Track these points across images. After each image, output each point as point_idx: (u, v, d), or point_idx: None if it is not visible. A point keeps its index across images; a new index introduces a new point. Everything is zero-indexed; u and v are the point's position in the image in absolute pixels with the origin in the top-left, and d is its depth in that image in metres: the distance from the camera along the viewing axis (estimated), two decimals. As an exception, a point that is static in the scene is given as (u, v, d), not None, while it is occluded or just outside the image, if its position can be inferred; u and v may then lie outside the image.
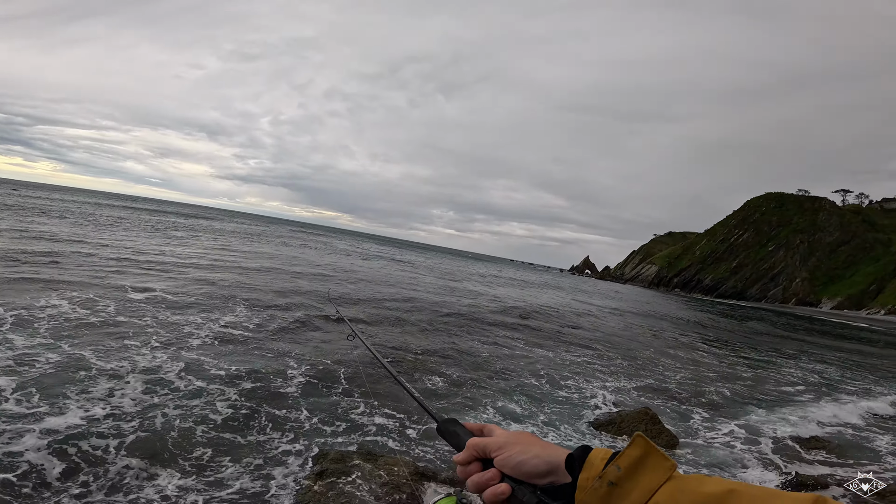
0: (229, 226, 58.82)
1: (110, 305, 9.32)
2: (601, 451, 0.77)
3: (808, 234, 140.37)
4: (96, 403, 5.34)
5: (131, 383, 5.99)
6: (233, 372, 6.96)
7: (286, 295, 13.60)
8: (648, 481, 0.69)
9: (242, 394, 6.26)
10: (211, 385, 6.36)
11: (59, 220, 27.11)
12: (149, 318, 8.99)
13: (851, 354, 23.59)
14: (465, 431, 0.96)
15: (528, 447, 0.83)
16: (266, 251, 28.50)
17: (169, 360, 6.94)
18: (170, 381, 6.26)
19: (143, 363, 6.68)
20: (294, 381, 7.02)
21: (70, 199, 64.53)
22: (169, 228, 34.00)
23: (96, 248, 16.54)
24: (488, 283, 34.51)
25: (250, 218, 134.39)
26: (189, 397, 5.91)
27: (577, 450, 0.79)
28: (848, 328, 53.39)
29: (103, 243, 18.50)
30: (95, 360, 6.47)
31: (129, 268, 13.75)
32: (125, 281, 11.74)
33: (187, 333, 8.44)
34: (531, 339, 14.12)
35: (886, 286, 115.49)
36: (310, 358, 8.22)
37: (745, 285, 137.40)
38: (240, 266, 18.57)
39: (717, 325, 31.04)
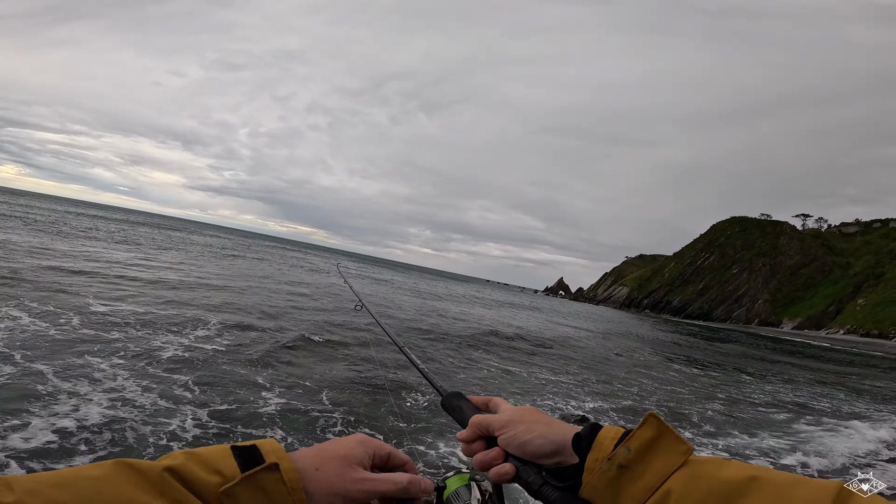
0: (202, 238, 57.37)
1: (73, 318, 8.86)
2: (611, 430, 0.71)
3: (770, 257, 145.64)
4: (61, 418, 4.99)
5: (94, 399, 5.63)
6: (202, 389, 6.64)
7: (262, 313, 13.21)
8: (661, 465, 0.64)
9: (214, 414, 5.96)
10: (180, 404, 6.04)
11: (24, 227, 25.93)
12: (116, 332, 8.56)
13: (824, 374, 24.22)
14: (469, 406, 0.91)
15: (533, 426, 0.78)
16: (240, 266, 27.82)
17: (134, 377, 6.57)
18: (134, 398, 5.92)
19: (107, 380, 6.31)
20: (271, 401, 6.74)
21: (37, 205, 62.05)
22: (139, 240, 32.88)
23: (61, 260, 15.83)
24: (468, 303, 34.40)
25: (223, 231, 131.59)
26: (156, 415, 5.59)
27: (585, 428, 0.74)
28: (812, 347, 55.13)
29: (69, 254, 17.73)
30: (53, 376, 6.08)
31: (94, 281, 13.17)
32: (89, 294, 11.21)
33: (156, 348, 8.05)
34: (507, 358, 14.02)
35: (845, 307, 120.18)
36: (284, 379, 7.93)
37: (710, 306, 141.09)
38: (213, 282, 18.03)
39: (687, 345, 31.51)
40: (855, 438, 10.09)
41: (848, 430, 10.67)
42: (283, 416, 6.31)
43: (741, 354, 30.41)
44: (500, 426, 0.80)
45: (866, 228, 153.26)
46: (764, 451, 8.28)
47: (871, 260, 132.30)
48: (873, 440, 10.08)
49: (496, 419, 0.81)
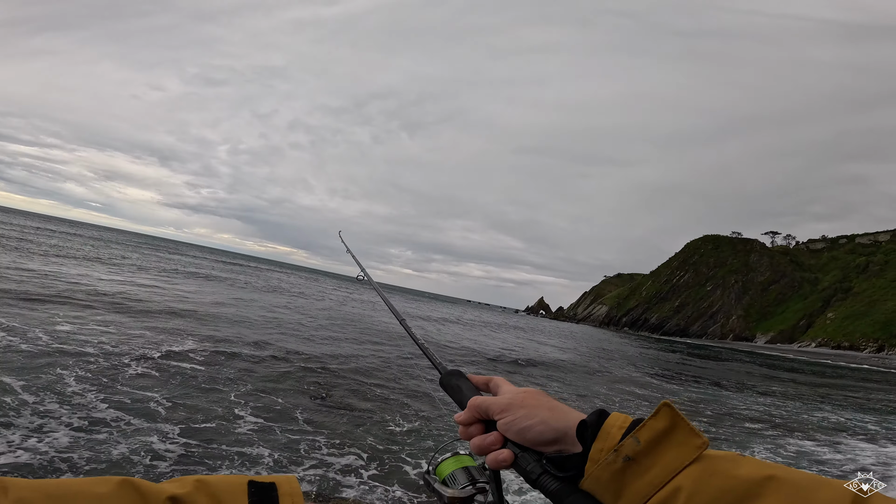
0: (178, 257, 56.11)
1: (41, 336, 8.55)
2: (619, 418, 0.66)
3: (742, 274, 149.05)
4: (26, 438, 4.79)
5: (62, 418, 5.42)
6: (175, 407, 6.45)
7: (240, 330, 12.95)
8: (672, 459, 0.59)
9: (186, 432, 5.79)
10: (153, 422, 5.86)
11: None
12: (89, 348, 8.29)
13: (809, 387, 24.67)
14: (469, 387, 0.87)
15: (535, 411, 0.73)
16: (217, 286, 27.28)
17: (102, 394, 6.36)
18: (103, 417, 5.72)
19: (75, 397, 6.09)
20: (246, 418, 6.58)
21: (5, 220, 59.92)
22: (113, 259, 31.92)
23: (32, 276, 15.30)
24: (452, 324, 34.25)
25: (200, 250, 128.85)
26: (129, 435, 5.41)
27: (591, 415, 0.68)
28: (797, 361, 56.00)
29: (39, 272, 17.15)
30: (22, 391, 5.85)
31: (65, 298, 12.76)
32: (58, 311, 10.86)
33: (124, 365, 7.81)
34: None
35: (815, 321, 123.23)
36: (262, 396, 7.77)
37: (687, 323, 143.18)
38: (189, 301, 17.63)
39: (666, 361, 31.87)
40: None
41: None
42: (261, 434, 6.17)
43: (716, 368, 30.83)
44: (500, 410, 0.75)
45: (833, 244, 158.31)
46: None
47: (839, 275, 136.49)
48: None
49: (496, 402, 0.77)
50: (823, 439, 10.99)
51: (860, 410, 16.76)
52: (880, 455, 9.60)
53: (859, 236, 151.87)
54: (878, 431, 12.49)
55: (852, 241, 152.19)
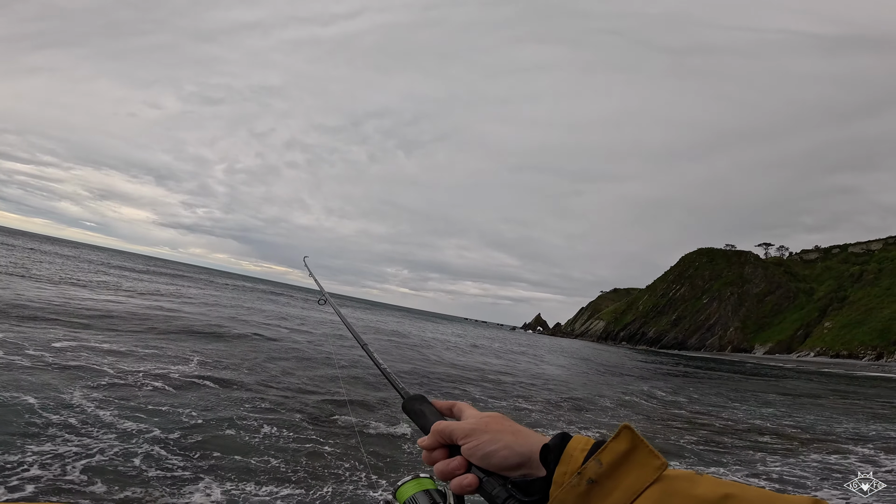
0: (182, 281, 55.80)
1: (45, 354, 8.54)
2: (581, 441, 0.67)
3: (737, 286, 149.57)
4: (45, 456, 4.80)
5: (64, 437, 5.43)
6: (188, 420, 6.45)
7: (244, 349, 12.92)
8: (633, 480, 0.61)
9: (194, 446, 5.80)
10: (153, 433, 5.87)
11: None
12: (94, 364, 8.27)
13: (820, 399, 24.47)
14: (432, 411, 0.86)
15: (499, 435, 0.73)
16: (225, 309, 27.13)
17: (106, 407, 6.37)
18: (104, 423, 5.73)
19: (81, 411, 6.09)
20: (261, 430, 6.58)
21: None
22: (118, 280, 31.62)
23: (30, 292, 15.22)
24: (456, 343, 34.13)
25: (196, 269, 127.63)
26: (125, 456, 5.42)
27: (553, 438, 0.69)
28: (807, 372, 55.33)
29: (37, 289, 17.06)
30: (35, 404, 5.85)
31: (61, 315, 12.71)
32: (54, 327, 10.82)
33: (133, 383, 7.81)
34: (496, 394, 13.86)
35: (813, 331, 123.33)
36: (274, 406, 7.77)
37: (685, 336, 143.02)
38: (193, 319, 17.56)
39: (667, 374, 31.73)
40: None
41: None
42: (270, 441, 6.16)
43: (723, 379, 30.69)
44: (464, 435, 0.75)
45: (826, 254, 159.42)
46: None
47: (834, 284, 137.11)
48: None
49: (459, 427, 0.76)
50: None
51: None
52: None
53: (852, 245, 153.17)
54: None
55: (845, 251, 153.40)
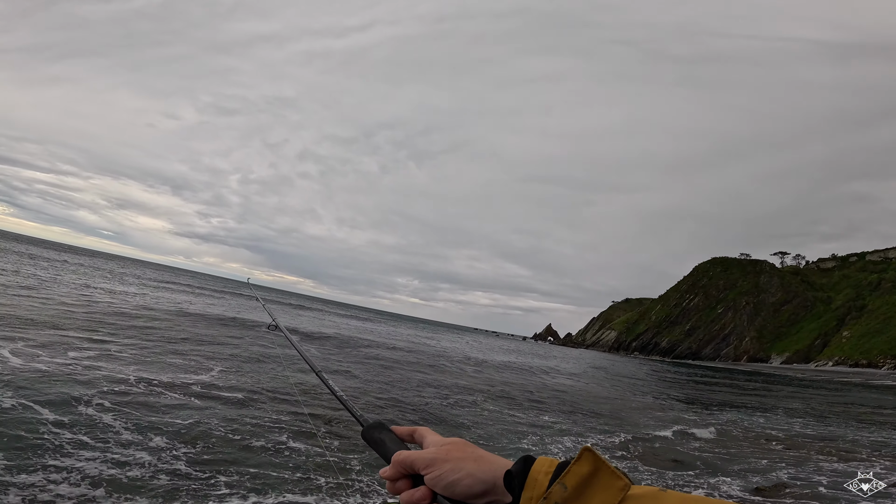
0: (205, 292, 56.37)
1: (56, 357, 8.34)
2: (545, 463, 0.67)
3: (753, 296, 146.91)
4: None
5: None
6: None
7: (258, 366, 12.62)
8: (599, 502, 0.61)
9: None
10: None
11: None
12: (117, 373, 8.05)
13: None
14: (392, 439, 0.84)
15: (461, 464, 0.72)
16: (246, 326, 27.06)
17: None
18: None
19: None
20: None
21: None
22: (146, 291, 31.63)
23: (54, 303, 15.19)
24: (471, 352, 33.80)
25: (213, 279, 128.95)
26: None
27: (516, 463, 0.69)
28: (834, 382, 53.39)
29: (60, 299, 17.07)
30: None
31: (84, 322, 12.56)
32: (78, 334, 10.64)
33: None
34: (513, 405, 13.28)
35: (831, 340, 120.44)
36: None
37: (699, 346, 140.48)
38: (211, 327, 17.44)
39: (685, 384, 31.03)
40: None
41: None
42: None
43: (748, 391, 29.74)
44: (425, 465, 0.74)
45: (843, 263, 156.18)
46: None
47: (852, 293, 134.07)
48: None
49: (420, 457, 0.75)
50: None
51: None
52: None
53: (869, 253, 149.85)
54: None
55: (863, 259, 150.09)
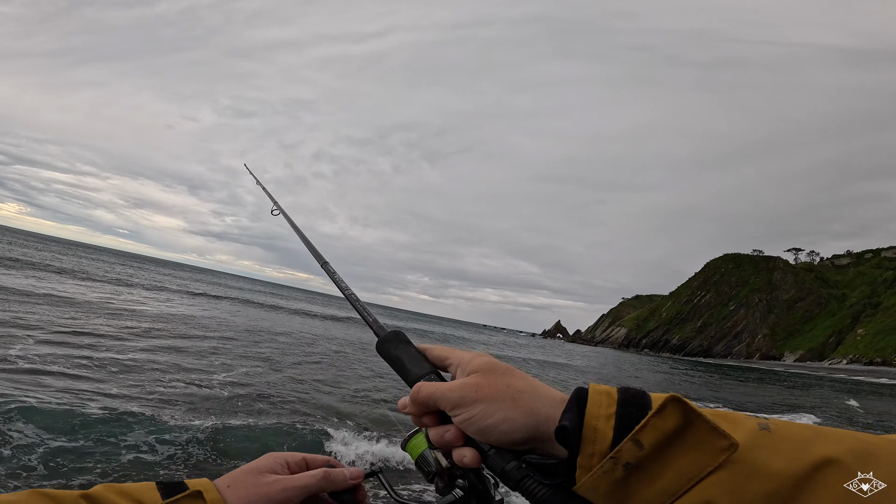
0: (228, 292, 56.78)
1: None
2: (602, 401, 0.53)
3: (766, 293, 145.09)
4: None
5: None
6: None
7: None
8: (688, 465, 0.47)
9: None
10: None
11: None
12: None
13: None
14: (412, 357, 0.72)
15: (494, 405, 0.58)
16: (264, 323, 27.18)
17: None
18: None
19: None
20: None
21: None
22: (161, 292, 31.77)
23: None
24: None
25: (227, 277, 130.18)
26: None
27: (567, 410, 0.54)
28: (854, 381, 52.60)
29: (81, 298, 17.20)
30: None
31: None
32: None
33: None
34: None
35: (845, 338, 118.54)
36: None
37: (710, 343, 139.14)
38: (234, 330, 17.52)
39: (702, 383, 30.39)
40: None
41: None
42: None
43: (770, 389, 29.28)
44: (451, 405, 0.61)
45: (858, 260, 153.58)
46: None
47: (867, 290, 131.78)
48: None
49: (445, 396, 0.61)
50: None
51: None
52: None
53: (885, 250, 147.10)
54: None
55: (878, 256, 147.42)
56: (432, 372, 0.69)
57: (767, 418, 0.50)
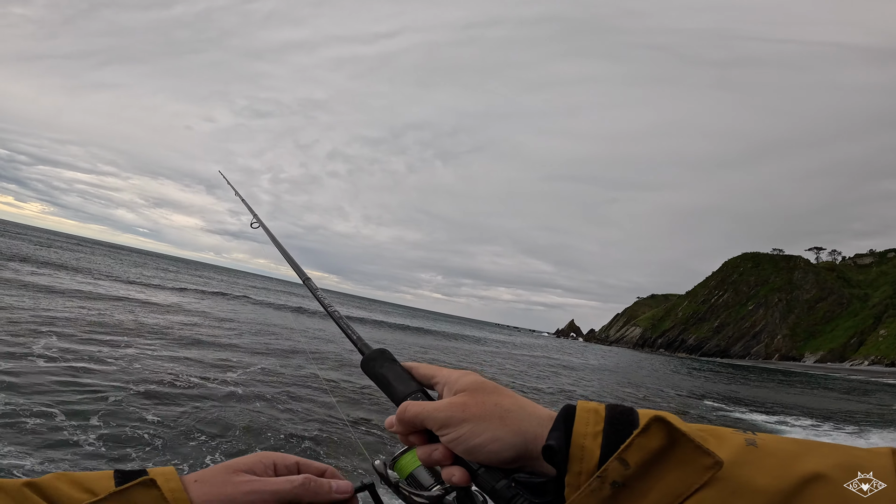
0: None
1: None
2: (589, 420, 0.53)
3: (786, 292, 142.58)
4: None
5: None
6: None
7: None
8: (675, 482, 0.48)
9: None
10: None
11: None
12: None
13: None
14: (398, 375, 0.71)
15: (482, 424, 0.58)
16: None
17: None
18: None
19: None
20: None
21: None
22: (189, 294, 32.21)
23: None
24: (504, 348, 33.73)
25: (243, 276, 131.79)
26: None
27: (554, 429, 0.55)
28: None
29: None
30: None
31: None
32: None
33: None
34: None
35: (867, 339, 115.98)
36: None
37: (728, 343, 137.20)
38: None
39: (723, 384, 29.94)
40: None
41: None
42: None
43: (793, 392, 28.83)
44: (439, 426, 0.61)
45: (881, 259, 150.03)
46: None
47: (890, 290, 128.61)
48: None
49: (431, 415, 0.61)
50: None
51: None
52: None
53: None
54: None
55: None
56: (419, 391, 0.69)
57: (755, 433, 0.50)
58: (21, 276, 17.87)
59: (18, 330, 8.86)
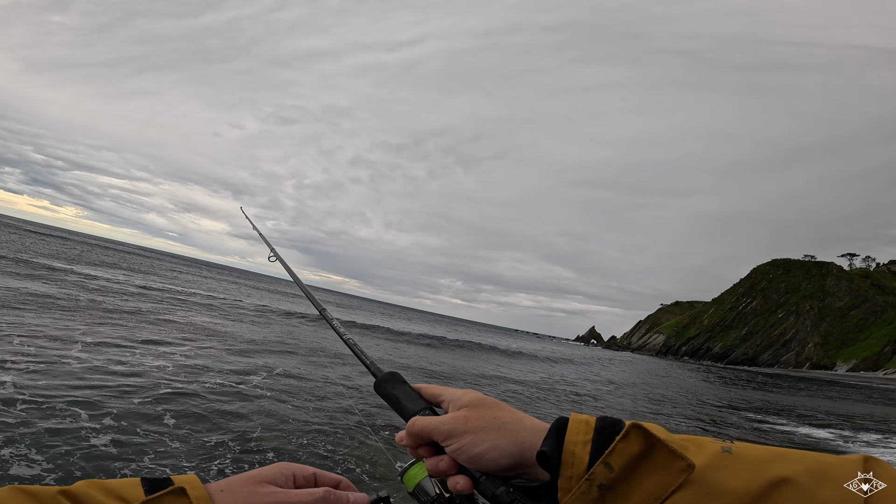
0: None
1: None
2: (580, 430, 0.59)
3: (818, 300, 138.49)
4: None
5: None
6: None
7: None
8: (654, 485, 0.53)
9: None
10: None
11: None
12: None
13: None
14: (408, 395, 0.78)
15: (482, 435, 0.65)
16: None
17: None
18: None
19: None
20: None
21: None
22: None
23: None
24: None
25: (267, 280, 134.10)
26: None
27: (548, 438, 0.61)
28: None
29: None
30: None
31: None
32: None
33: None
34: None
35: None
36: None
37: (756, 352, 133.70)
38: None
39: (755, 394, 29.21)
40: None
41: None
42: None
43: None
44: (444, 437, 0.68)
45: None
46: None
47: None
48: None
49: (437, 428, 0.68)
50: None
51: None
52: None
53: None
54: None
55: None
56: (427, 408, 0.76)
57: (733, 441, 0.54)
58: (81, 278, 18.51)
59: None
